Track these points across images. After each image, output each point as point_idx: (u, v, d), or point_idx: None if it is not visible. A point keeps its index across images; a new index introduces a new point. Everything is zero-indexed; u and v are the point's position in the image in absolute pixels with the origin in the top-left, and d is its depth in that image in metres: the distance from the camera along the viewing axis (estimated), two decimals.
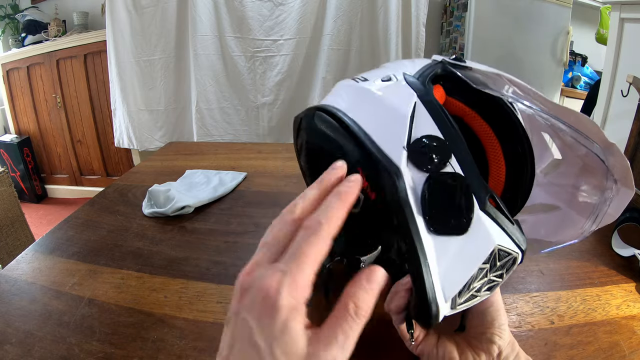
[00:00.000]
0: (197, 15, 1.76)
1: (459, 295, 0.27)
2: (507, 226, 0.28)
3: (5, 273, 0.52)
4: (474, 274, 0.26)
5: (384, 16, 1.74)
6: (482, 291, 0.28)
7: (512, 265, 0.28)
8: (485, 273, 0.27)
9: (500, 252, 0.27)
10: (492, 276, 0.28)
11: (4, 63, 2.30)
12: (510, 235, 0.28)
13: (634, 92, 0.75)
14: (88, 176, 2.48)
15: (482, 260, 0.26)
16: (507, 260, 0.28)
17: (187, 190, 0.72)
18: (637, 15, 0.91)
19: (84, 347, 0.39)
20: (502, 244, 0.27)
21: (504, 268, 0.28)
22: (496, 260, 0.27)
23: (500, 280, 0.28)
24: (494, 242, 0.27)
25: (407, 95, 0.32)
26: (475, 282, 0.27)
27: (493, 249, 0.27)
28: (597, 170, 0.33)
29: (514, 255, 0.28)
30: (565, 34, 1.90)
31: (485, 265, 0.27)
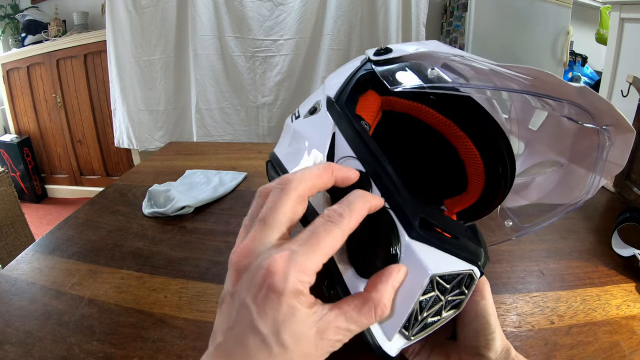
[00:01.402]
0: (197, 15, 1.76)
1: (408, 328, 0.25)
2: (450, 244, 0.25)
3: (5, 273, 0.52)
4: (414, 307, 0.24)
5: (384, 16, 1.74)
6: (443, 313, 0.26)
7: (470, 281, 0.25)
8: (434, 299, 0.25)
9: (445, 277, 0.24)
10: (450, 297, 0.25)
11: (4, 63, 2.30)
12: (456, 253, 0.25)
13: (634, 92, 0.75)
14: (88, 176, 2.48)
15: (419, 293, 0.24)
16: (459, 280, 0.25)
17: (187, 190, 0.72)
18: (637, 15, 0.91)
19: (84, 347, 0.39)
20: (443, 270, 0.24)
21: (461, 287, 0.25)
22: (444, 285, 0.24)
23: (464, 297, 0.26)
24: (428, 273, 0.24)
25: (325, 128, 0.31)
26: (426, 312, 0.25)
27: (430, 279, 0.24)
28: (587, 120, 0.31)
29: (464, 274, 0.25)
30: (565, 34, 1.90)
31: (429, 294, 0.24)
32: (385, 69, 0.32)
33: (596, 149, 0.31)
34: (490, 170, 0.34)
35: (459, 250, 0.25)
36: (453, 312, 0.26)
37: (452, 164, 0.37)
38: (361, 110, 0.33)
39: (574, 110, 0.30)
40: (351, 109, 0.32)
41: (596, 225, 0.65)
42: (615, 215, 0.61)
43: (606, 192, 0.79)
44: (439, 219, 0.26)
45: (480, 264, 0.25)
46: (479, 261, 0.25)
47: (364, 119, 0.33)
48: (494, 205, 0.37)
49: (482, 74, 0.32)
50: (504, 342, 0.29)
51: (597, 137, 0.31)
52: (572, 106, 0.30)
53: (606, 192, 0.79)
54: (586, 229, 0.64)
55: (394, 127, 0.40)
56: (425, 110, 0.34)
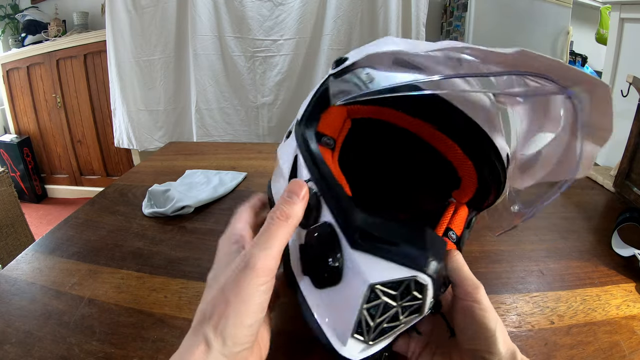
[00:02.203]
0: (197, 15, 1.76)
1: (363, 334, 0.26)
2: (391, 252, 0.26)
3: (5, 273, 0.52)
4: (359, 316, 0.25)
5: (384, 16, 1.74)
6: (402, 318, 0.26)
7: (420, 287, 0.25)
8: (384, 306, 0.25)
9: (388, 285, 0.25)
10: (405, 303, 0.25)
11: (4, 63, 2.30)
12: (397, 260, 0.25)
13: (634, 92, 0.75)
14: (88, 176, 2.48)
15: (361, 302, 0.25)
16: (406, 286, 0.25)
17: (187, 190, 0.72)
18: (637, 15, 0.91)
19: (84, 347, 0.39)
20: (383, 278, 0.25)
21: (411, 293, 0.25)
22: (390, 292, 0.25)
23: (420, 302, 0.26)
24: (367, 282, 0.25)
25: (291, 152, 0.34)
26: (378, 318, 0.25)
27: (369, 288, 0.25)
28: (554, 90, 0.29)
29: (408, 280, 0.25)
30: (565, 34, 1.90)
31: (376, 302, 0.25)
32: (335, 81, 0.33)
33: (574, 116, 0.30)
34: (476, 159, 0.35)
35: (400, 257, 0.25)
36: (415, 316, 0.26)
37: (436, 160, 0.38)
38: (324, 127, 0.35)
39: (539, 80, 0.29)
40: (314, 127, 0.34)
41: (596, 225, 0.66)
42: (615, 215, 0.61)
43: (606, 192, 0.79)
44: (381, 228, 0.27)
45: (426, 268, 0.25)
46: (422, 266, 0.25)
47: (327, 134, 0.34)
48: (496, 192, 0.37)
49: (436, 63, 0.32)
50: (508, 346, 0.27)
51: (570, 103, 0.30)
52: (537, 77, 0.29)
53: (606, 192, 0.79)
54: (586, 229, 0.64)
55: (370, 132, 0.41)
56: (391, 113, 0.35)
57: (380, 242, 0.26)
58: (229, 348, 0.24)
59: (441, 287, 0.29)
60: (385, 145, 0.45)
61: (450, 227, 0.36)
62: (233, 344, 0.24)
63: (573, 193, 0.78)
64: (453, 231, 0.36)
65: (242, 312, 0.24)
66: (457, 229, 0.37)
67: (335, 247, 0.27)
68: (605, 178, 0.81)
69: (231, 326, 0.24)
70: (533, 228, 0.63)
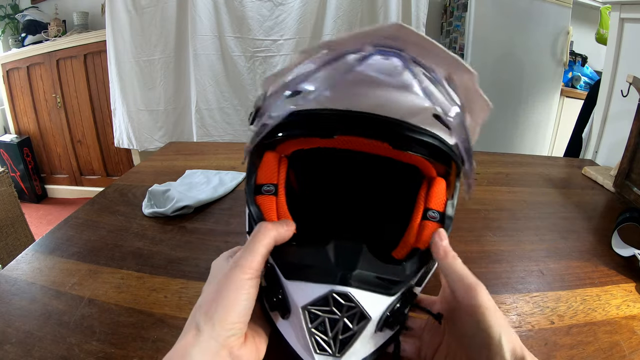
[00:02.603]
0: (197, 15, 1.76)
1: (324, 349, 0.29)
2: (309, 274, 0.30)
3: (5, 273, 0.52)
4: (309, 336, 0.29)
5: (384, 16, 1.74)
6: (354, 327, 0.29)
7: (345, 297, 0.28)
8: (330, 322, 0.29)
9: (317, 303, 0.29)
10: (347, 313, 0.28)
11: (4, 63, 2.30)
12: (314, 280, 0.29)
13: (634, 92, 0.75)
14: (88, 176, 2.48)
15: (303, 323, 0.29)
16: (332, 300, 0.28)
17: (187, 190, 0.72)
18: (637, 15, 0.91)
19: (84, 347, 0.39)
20: (308, 299, 0.29)
21: (341, 304, 0.28)
22: (323, 308, 0.29)
23: (357, 309, 0.28)
24: (299, 306, 0.29)
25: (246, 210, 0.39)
26: (331, 332, 0.29)
27: (304, 310, 0.29)
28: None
29: (327, 294, 0.28)
30: (565, 34, 1.90)
31: (318, 320, 0.29)
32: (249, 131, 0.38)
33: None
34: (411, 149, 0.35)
35: (317, 277, 0.29)
36: (366, 321, 0.29)
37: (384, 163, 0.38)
38: (262, 177, 0.37)
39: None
40: (253, 181, 0.37)
41: (596, 225, 0.66)
42: (615, 215, 0.61)
43: (606, 192, 0.79)
44: (303, 256, 0.32)
45: (338, 279, 0.28)
46: (335, 279, 0.29)
47: (265, 183, 0.37)
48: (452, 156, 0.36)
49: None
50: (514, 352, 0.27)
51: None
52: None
53: (606, 192, 0.79)
54: (586, 229, 0.64)
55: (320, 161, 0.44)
56: (319, 141, 0.36)
57: (303, 268, 0.30)
58: (217, 331, 0.26)
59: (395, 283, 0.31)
60: (336, 167, 0.48)
61: (429, 207, 0.36)
62: (222, 329, 0.27)
63: (573, 193, 0.78)
64: (432, 210, 0.36)
65: (231, 299, 0.27)
66: (437, 205, 0.36)
67: (275, 282, 0.31)
68: (605, 178, 0.81)
69: (220, 311, 0.27)
70: (533, 228, 0.63)
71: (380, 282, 0.30)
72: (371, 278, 0.30)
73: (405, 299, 0.32)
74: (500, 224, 0.64)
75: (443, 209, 0.36)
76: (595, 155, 1.03)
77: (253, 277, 0.29)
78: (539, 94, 2.00)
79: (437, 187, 0.37)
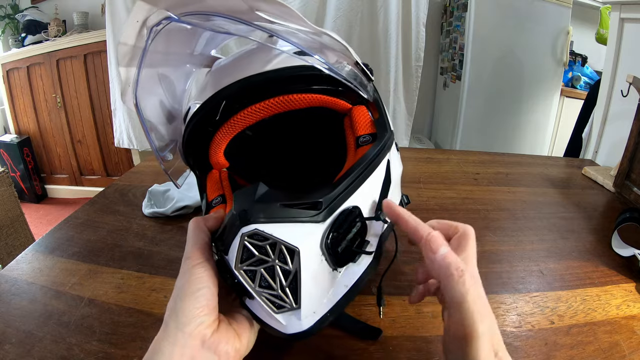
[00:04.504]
0: None
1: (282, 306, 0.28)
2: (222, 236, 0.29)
3: (5, 273, 0.52)
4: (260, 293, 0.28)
5: (384, 16, 1.74)
6: (291, 266, 0.27)
7: (256, 236, 0.27)
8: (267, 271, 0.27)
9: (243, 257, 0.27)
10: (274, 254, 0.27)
11: (4, 63, 2.30)
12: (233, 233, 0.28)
13: (634, 92, 0.75)
14: (88, 176, 2.48)
15: (247, 285, 0.28)
16: (254, 245, 0.27)
17: (187, 190, 0.72)
18: (637, 15, 0.91)
19: (84, 347, 0.39)
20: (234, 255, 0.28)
21: (259, 246, 0.27)
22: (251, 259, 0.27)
23: (273, 241, 0.27)
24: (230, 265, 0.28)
25: None
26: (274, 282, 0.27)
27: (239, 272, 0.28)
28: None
29: (241, 240, 0.27)
30: (565, 34, 1.90)
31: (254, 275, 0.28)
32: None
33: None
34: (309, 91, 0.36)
35: (227, 237, 0.28)
36: (297, 256, 0.27)
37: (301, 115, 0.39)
38: (210, 195, 0.40)
39: None
40: (205, 200, 0.40)
41: (596, 225, 0.65)
42: (615, 215, 0.61)
43: (606, 192, 0.79)
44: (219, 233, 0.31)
45: (239, 222, 0.27)
46: (237, 225, 0.27)
47: (214, 197, 0.39)
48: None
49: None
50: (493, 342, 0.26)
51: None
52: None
53: (606, 192, 0.79)
54: (586, 229, 0.64)
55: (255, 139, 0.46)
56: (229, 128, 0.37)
57: (222, 235, 0.30)
58: (182, 321, 0.27)
59: (316, 205, 0.29)
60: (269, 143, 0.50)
61: (358, 135, 0.36)
62: (185, 317, 0.27)
63: (573, 193, 0.78)
64: (362, 135, 0.36)
65: (185, 288, 0.28)
66: (364, 129, 0.37)
67: (227, 268, 0.29)
68: (605, 178, 0.81)
69: (179, 302, 0.28)
70: (533, 228, 0.63)
71: (294, 210, 0.28)
72: (277, 208, 0.28)
73: (350, 224, 0.30)
74: (500, 224, 0.64)
75: (372, 129, 0.36)
76: (595, 155, 1.03)
77: (198, 262, 0.29)
78: (539, 94, 2.00)
79: (358, 114, 0.37)
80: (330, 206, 0.29)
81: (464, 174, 0.84)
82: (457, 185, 0.78)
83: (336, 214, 0.29)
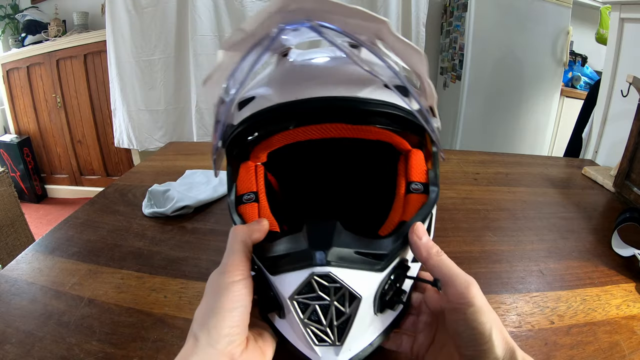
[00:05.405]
0: (197, 15, 1.76)
1: (323, 340, 0.28)
2: (286, 264, 0.29)
3: (5, 273, 0.52)
4: (303, 327, 0.28)
5: (384, 16, 1.74)
6: (346, 310, 0.28)
7: (327, 278, 0.27)
8: (322, 308, 0.28)
9: (302, 291, 0.28)
10: (335, 296, 0.28)
11: (4, 63, 2.30)
12: (293, 268, 0.28)
13: (634, 92, 0.75)
14: (88, 176, 2.48)
15: (295, 315, 0.28)
16: (318, 284, 0.27)
17: (187, 190, 0.72)
18: (637, 15, 0.90)
19: (84, 347, 0.39)
20: (293, 288, 0.28)
21: (327, 287, 0.27)
22: (311, 295, 0.28)
23: (344, 288, 0.27)
24: (285, 297, 0.28)
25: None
26: (326, 320, 0.28)
27: (292, 301, 0.28)
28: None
29: (308, 279, 0.27)
30: (565, 34, 1.90)
31: (309, 309, 0.28)
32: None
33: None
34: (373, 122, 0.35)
35: (294, 264, 0.28)
36: (357, 302, 0.28)
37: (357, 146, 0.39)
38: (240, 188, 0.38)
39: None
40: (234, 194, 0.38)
41: (596, 225, 0.65)
42: (615, 215, 0.61)
43: (606, 192, 0.79)
44: (279, 247, 0.31)
45: (315, 260, 0.27)
46: (311, 262, 0.27)
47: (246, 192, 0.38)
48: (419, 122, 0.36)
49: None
50: (506, 346, 0.27)
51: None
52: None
53: (606, 192, 0.79)
54: (586, 229, 0.64)
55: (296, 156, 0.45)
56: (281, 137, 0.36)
57: (283, 259, 0.29)
58: (214, 338, 0.26)
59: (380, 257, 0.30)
60: (314, 160, 0.49)
61: (410, 180, 0.36)
62: (218, 335, 0.26)
63: (573, 193, 0.78)
64: (414, 182, 0.36)
65: (222, 304, 0.27)
66: (418, 176, 0.36)
67: (265, 282, 0.30)
68: (605, 178, 0.81)
69: (214, 318, 0.27)
70: (533, 228, 0.63)
71: (363, 259, 0.29)
72: (351, 255, 0.29)
73: (398, 275, 0.31)
74: (500, 224, 0.64)
75: (425, 179, 0.36)
76: (595, 155, 1.03)
77: (239, 278, 0.28)
78: (539, 94, 2.00)
79: (415, 159, 0.37)
80: (388, 257, 0.30)
81: (463, 174, 0.84)
82: (457, 185, 0.78)
83: (392, 266, 0.30)
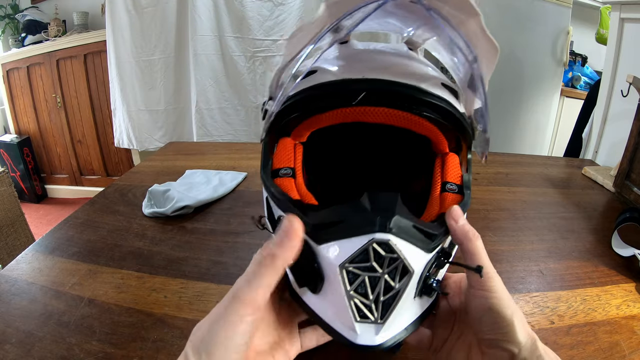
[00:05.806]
0: (197, 15, 1.76)
1: (366, 316, 0.26)
2: (341, 231, 0.27)
3: (5, 273, 0.52)
4: (349, 300, 0.26)
5: None
6: (396, 284, 0.26)
7: (386, 246, 0.25)
8: (370, 280, 0.26)
9: (356, 259, 0.25)
10: (388, 268, 0.26)
11: (4, 63, 2.30)
12: (349, 234, 0.26)
13: (634, 92, 0.75)
14: (88, 176, 2.48)
15: (342, 286, 0.26)
16: (373, 253, 0.25)
17: (187, 190, 0.72)
18: (637, 15, 0.90)
19: (84, 347, 0.39)
20: (347, 255, 0.25)
21: (383, 258, 0.25)
22: (364, 265, 0.25)
23: (400, 261, 0.26)
24: (335, 265, 0.26)
25: (264, 194, 0.37)
26: (372, 294, 0.26)
27: (342, 269, 0.26)
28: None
29: (367, 245, 0.25)
30: (565, 34, 1.90)
31: (358, 280, 0.26)
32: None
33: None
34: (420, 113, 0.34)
35: (352, 230, 0.26)
36: (408, 278, 0.26)
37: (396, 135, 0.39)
38: (277, 163, 0.37)
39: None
40: (269, 168, 0.36)
41: (596, 225, 0.66)
42: (615, 215, 0.61)
43: (606, 192, 0.79)
44: (331, 215, 0.28)
45: (378, 226, 0.25)
46: (373, 227, 0.25)
47: (283, 167, 0.36)
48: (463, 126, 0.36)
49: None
50: (528, 334, 0.27)
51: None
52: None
53: (606, 192, 0.79)
54: (586, 229, 0.64)
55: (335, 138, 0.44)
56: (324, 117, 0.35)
57: (333, 227, 0.27)
58: None
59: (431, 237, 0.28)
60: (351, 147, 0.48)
61: (446, 180, 0.36)
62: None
63: (573, 193, 0.78)
64: (450, 182, 0.36)
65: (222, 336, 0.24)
66: (454, 178, 0.36)
67: (308, 251, 0.28)
68: (605, 178, 0.81)
69: (210, 348, 0.24)
70: (533, 228, 0.63)
71: (419, 234, 0.27)
72: (410, 227, 0.27)
73: (441, 262, 0.30)
74: (500, 224, 0.64)
75: (460, 182, 0.36)
76: (595, 155, 1.03)
77: (254, 314, 0.25)
78: (539, 94, 2.00)
79: (452, 161, 0.37)
80: (439, 238, 0.30)
81: None
82: None
83: (439, 249, 0.30)
